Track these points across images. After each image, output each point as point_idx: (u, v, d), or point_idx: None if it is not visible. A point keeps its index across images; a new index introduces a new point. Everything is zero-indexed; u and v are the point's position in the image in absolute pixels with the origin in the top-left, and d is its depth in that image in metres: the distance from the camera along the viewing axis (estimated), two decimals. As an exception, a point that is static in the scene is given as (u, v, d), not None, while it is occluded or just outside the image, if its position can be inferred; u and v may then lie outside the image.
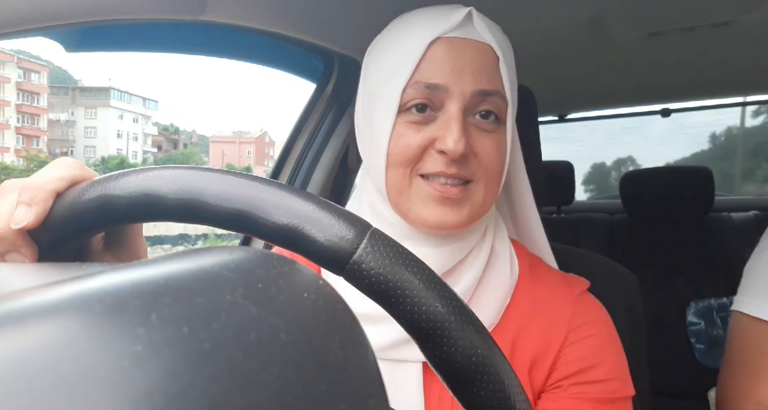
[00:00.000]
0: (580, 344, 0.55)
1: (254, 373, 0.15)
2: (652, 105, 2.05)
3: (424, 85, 0.53)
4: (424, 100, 0.53)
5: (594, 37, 1.13)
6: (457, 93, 0.52)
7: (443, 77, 0.52)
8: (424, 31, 0.54)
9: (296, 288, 0.18)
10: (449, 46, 0.53)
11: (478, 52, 0.54)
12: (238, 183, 0.27)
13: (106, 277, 0.16)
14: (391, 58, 0.55)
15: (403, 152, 0.53)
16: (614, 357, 0.56)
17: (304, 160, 1.09)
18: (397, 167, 0.54)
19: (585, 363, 0.54)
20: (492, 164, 0.54)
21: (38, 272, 0.23)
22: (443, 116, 0.53)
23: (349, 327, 0.19)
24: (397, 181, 0.55)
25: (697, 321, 1.63)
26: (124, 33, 0.79)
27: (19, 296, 0.14)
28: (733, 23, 1.06)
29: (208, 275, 0.17)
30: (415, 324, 0.26)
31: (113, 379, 0.12)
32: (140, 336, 0.13)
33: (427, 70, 0.53)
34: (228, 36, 0.93)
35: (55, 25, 0.57)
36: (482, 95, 0.53)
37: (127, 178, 0.30)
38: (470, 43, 0.54)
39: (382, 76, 0.56)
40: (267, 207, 0.27)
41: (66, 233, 0.32)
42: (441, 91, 0.52)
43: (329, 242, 0.26)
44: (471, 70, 0.53)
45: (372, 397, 0.18)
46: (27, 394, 0.11)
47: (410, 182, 0.54)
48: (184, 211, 0.28)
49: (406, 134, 0.53)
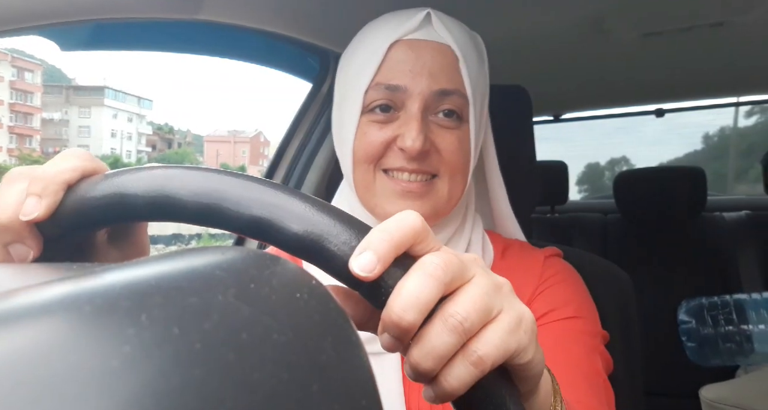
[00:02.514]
0: (548, 291, 0.58)
1: (246, 374, 0.15)
2: (647, 105, 2.05)
3: (384, 86, 0.55)
4: (385, 101, 0.56)
5: (589, 37, 1.13)
6: (416, 93, 0.55)
7: (402, 79, 0.55)
8: (386, 34, 0.56)
9: (289, 288, 0.18)
10: (408, 48, 0.56)
11: (437, 53, 0.56)
12: (260, 190, 0.27)
13: (97, 278, 0.16)
14: (355, 62, 0.58)
15: (366, 149, 0.56)
16: (582, 299, 0.59)
17: (299, 160, 1.09)
18: (362, 163, 0.57)
19: (553, 304, 0.57)
20: (454, 159, 0.57)
21: (28, 272, 0.22)
22: (404, 115, 0.56)
23: (341, 327, 0.19)
24: (363, 177, 0.58)
25: (688, 319, 1.64)
26: (120, 32, 0.78)
27: (9, 296, 0.14)
28: (728, 24, 1.07)
29: (200, 275, 0.17)
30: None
31: (103, 380, 0.12)
32: (130, 336, 0.13)
33: (387, 72, 0.55)
34: (224, 35, 0.93)
35: (50, 24, 0.57)
36: (441, 95, 0.55)
37: (145, 175, 0.28)
38: (429, 44, 0.56)
39: (348, 78, 0.59)
40: (286, 216, 0.26)
41: (74, 226, 0.31)
42: (401, 91, 0.55)
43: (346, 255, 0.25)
44: (429, 70, 0.55)
45: (365, 397, 0.18)
46: (16, 394, 0.11)
47: (374, 178, 0.57)
48: (203, 215, 0.27)
49: (369, 132, 0.56)
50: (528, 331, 0.26)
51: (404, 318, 0.23)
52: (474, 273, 0.26)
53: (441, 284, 0.24)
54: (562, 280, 0.60)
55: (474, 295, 0.25)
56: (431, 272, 0.24)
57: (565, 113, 2.03)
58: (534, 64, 1.32)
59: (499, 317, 0.25)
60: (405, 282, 0.24)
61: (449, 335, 0.24)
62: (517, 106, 0.82)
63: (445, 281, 0.24)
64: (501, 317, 0.26)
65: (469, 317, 0.24)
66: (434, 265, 0.24)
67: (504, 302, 0.26)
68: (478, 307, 0.25)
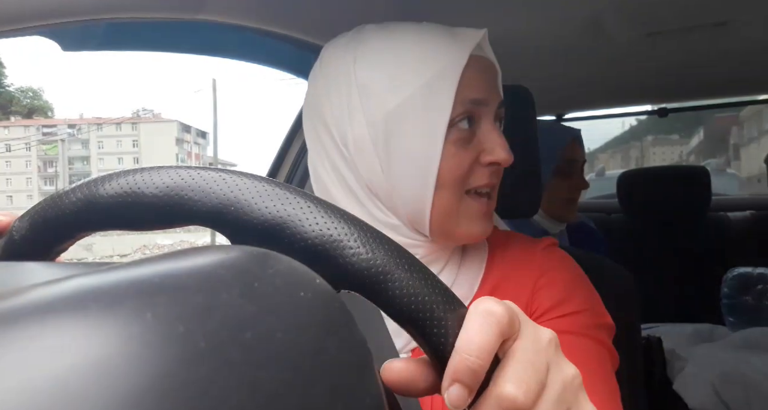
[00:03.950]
0: (547, 287, 0.57)
1: (250, 372, 0.15)
2: (650, 105, 2.05)
3: (469, 100, 0.53)
4: (469, 115, 0.54)
5: (592, 37, 1.13)
6: (492, 105, 0.55)
7: (482, 92, 0.54)
8: (456, 48, 0.53)
9: (293, 287, 0.18)
10: (480, 63, 0.55)
11: (494, 70, 0.58)
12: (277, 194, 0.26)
13: (102, 276, 0.16)
14: (420, 74, 0.52)
15: (456, 172, 0.53)
16: (583, 291, 0.58)
17: (302, 160, 1.09)
18: (448, 187, 0.53)
19: (554, 299, 0.56)
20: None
21: (34, 271, 0.22)
22: (482, 129, 0.55)
23: (345, 325, 0.19)
24: (446, 203, 0.54)
25: (730, 292, 1.62)
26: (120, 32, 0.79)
27: (15, 295, 0.14)
28: (731, 23, 1.06)
29: (205, 274, 0.17)
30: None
31: (108, 378, 0.12)
32: (135, 335, 0.13)
33: (467, 85, 0.53)
34: (224, 35, 0.93)
35: (50, 24, 0.57)
36: (500, 107, 0.57)
37: (157, 175, 0.27)
38: (487, 60, 0.57)
39: (406, 91, 0.52)
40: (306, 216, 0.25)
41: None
42: (482, 105, 0.54)
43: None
44: (496, 85, 0.57)
45: (368, 396, 0.18)
46: (21, 394, 0.11)
47: (459, 201, 0.55)
48: (272, 234, 0.25)
49: (457, 153, 0.53)
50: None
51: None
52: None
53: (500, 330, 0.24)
54: (563, 272, 0.59)
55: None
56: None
57: (568, 112, 2.03)
58: (537, 64, 1.32)
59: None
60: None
61: None
62: (521, 106, 0.82)
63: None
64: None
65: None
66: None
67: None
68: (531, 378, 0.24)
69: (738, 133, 17.65)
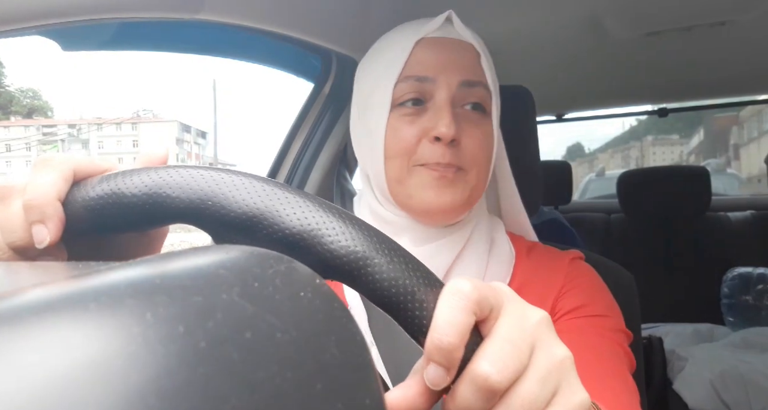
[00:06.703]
0: (573, 291, 0.59)
1: (250, 372, 0.15)
2: (650, 104, 2.05)
3: (414, 78, 0.57)
4: (415, 94, 0.57)
5: (592, 37, 1.13)
6: (444, 84, 0.57)
7: (430, 70, 0.57)
8: (411, 33, 0.59)
9: (293, 287, 0.18)
10: (433, 43, 0.58)
11: (460, 49, 0.59)
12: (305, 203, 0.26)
13: (102, 276, 0.16)
14: (381, 60, 0.60)
15: (399, 144, 0.57)
16: (607, 299, 0.60)
17: (302, 159, 1.09)
18: (395, 158, 0.58)
19: (579, 302, 0.58)
20: (480, 152, 0.58)
21: (33, 271, 0.22)
22: (433, 107, 0.57)
23: (345, 325, 0.19)
24: (395, 172, 0.58)
25: (729, 292, 1.62)
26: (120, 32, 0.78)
27: (14, 295, 0.14)
28: (730, 23, 1.06)
29: (204, 274, 0.17)
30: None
31: (108, 378, 0.12)
32: (135, 335, 0.13)
33: (415, 65, 0.57)
34: (225, 35, 0.93)
35: (50, 24, 0.57)
36: (467, 86, 0.57)
37: (184, 179, 0.27)
38: (452, 40, 0.59)
39: (374, 77, 0.60)
40: (331, 231, 0.25)
41: (85, 230, 0.30)
42: (429, 83, 0.57)
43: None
44: (455, 63, 0.57)
45: (368, 396, 0.18)
46: (21, 393, 0.11)
47: (408, 172, 0.58)
48: (249, 226, 0.26)
49: (400, 127, 0.57)
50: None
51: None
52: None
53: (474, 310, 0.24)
54: (589, 281, 0.61)
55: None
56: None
57: (568, 112, 2.03)
58: (536, 64, 1.32)
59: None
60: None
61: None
62: (520, 106, 0.82)
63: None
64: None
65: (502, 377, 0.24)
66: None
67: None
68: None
69: (738, 133, 17.66)
